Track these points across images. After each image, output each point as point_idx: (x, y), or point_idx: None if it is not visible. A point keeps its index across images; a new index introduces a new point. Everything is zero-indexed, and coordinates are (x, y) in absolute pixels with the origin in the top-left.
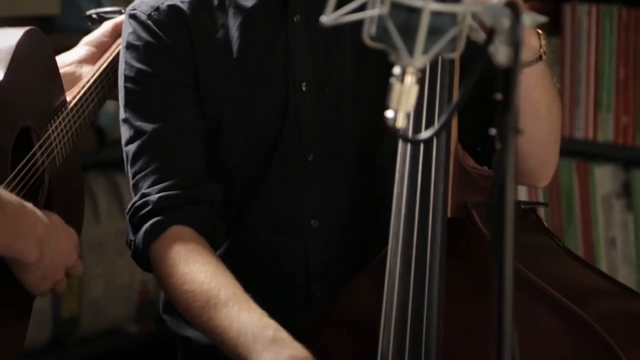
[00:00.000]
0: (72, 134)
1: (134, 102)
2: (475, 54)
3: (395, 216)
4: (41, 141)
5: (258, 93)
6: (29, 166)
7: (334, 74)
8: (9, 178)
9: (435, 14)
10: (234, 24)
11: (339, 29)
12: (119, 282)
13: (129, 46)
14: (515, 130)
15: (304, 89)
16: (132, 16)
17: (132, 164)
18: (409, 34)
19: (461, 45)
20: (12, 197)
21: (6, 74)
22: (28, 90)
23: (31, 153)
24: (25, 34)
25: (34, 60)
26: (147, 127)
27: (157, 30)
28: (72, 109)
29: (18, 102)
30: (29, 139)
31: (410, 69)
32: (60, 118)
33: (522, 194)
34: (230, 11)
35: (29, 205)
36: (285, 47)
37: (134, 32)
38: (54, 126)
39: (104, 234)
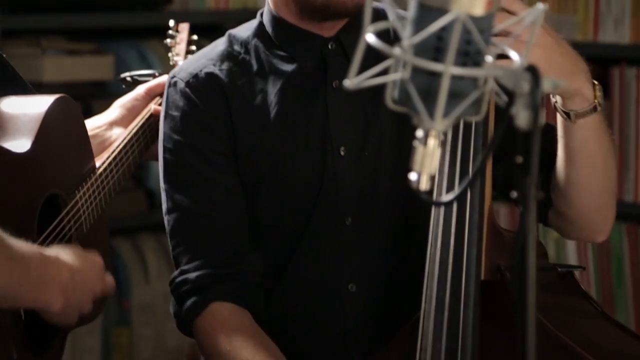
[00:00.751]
0: (101, 200)
1: (171, 173)
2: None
3: (429, 278)
4: (68, 208)
5: (296, 157)
6: (55, 232)
7: (372, 138)
8: (36, 244)
9: (456, 78)
10: (272, 89)
11: (376, 94)
12: (168, 343)
13: (167, 116)
14: (535, 193)
15: (342, 153)
16: (172, 84)
17: (171, 237)
18: (430, 97)
19: (484, 108)
20: (33, 250)
21: (34, 142)
22: (56, 158)
23: (58, 220)
24: (55, 101)
25: (63, 127)
26: (184, 200)
27: (195, 98)
28: (100, 174)
29: (46, 170)
30: (57, 206)
31: (433, 132)
32: (89, 184)
33: (572, 254)
34: (270, 77)
35: (51, 252)
36: (324, 111)
37: (172, 100)
38: (82, 192)
39: (153, 295)
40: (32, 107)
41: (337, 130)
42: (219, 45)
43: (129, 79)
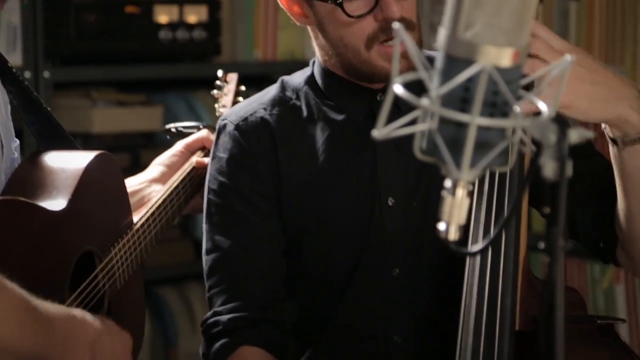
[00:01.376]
0: (136, 256)
1: (214, 214)
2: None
3: (464, 327)
4: (103, 264)
5: (342, 207)
6: (89, 289)
7: (421, 188)
8: (69, 300)
9: (483, 128)
10: (321, 136)
11: None
12: None
13: (214, 157)
14: (563, 243)
15: (390, 203)
16: (221, 127)
17: (208, 277)
18: (457, 147)
19: (512, 158)
20: (59, 310)
21: (71, 200)
22: (93, 215)
23: (92, 276)
24: (95, 158)
25: (102, 184)
26: (224, 242)
27: (243, 142)
28: (137, 230)
29: (82, 227)
30: (92, 262)
31: (461, 183)
32: (125, 240)
33: (622, 306)
34: (319, 124)
35: (78, 312)
36: (373, 161)
37: (221, 142)
38: (117, 249)
39: (200, 344)
40: (72, 162)
41: (386, 181)
42: (272, 90)
43: (173, 129)
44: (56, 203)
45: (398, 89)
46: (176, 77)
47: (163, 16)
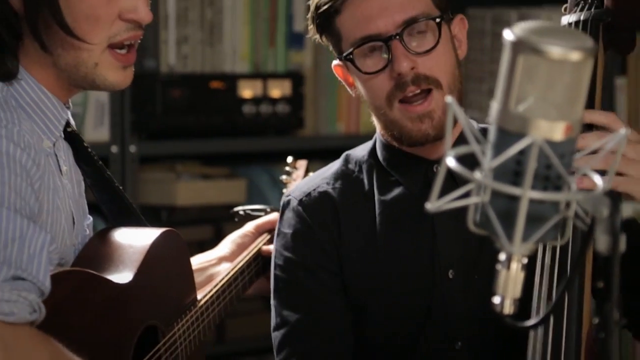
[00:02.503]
0: (199, 332)
1: (281, 289)
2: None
3: None
4: (165, 339)
5: (402, 280)
6: None
7: (481, 260)
8: None
9: (536, 202)
10: (380, 210)
11: None
12: None
13: (279, 233)
14: (617, 318)
15: (450, 276)
16: (286, 202)
17: (278, 353)
18: (509, 221)
19: (567, 232)
20: None
21: (137, 274)
22: (157, 290)
23: (154, 350)
24: (161, 234)
25: (167, 260)
26: (292, 317)
27: (306, 217)
28: (201, 307)
29: (146, 301)
30: (155, 336)
31: (515, 256)
32: (188, 316)
33: None
34: (379, 197)
35: None
36: (432, 233)
37: (285, 218)
38: (180, 324)
39: None
40: (139, 238)
41: (446, 253)
42: (335, 165)
43: (241, 212)
44: (122, 276)
45: (450, 162)
46: (260, 150)
47: (247, 91)
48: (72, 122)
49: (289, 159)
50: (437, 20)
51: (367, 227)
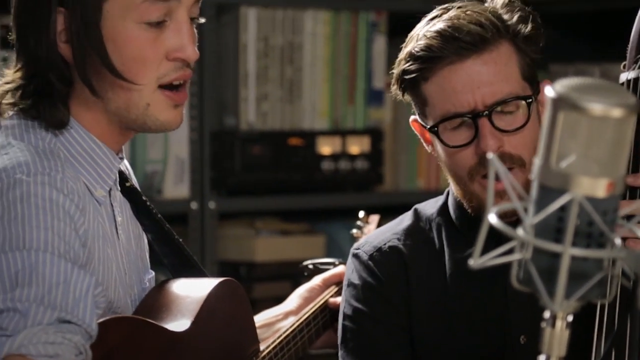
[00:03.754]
0: None
1: (349, 340)
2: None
3: None
4: None
5: (472, 343)
6: None
7: None
8: None
9: (579, 259)
10: (451, 270)
11: None
12: None
13: (349, 284)
14: None
15: (522, 341)
16: (355, 255)
17: None
18: (552, 278)
19: (613, 290)
20: None
21: (193, 322)
22: (216, 339)
23: None
24: (219, 284)
25: (226, 309)
26: None
27: (377, 271)
28: (263, 357)
29: (203, 350)
30: None
31: (560, 314)
32: None
33: None
34: (450, 257)
35: None
36: (503, 297)
37: (355, 271)
38: None
39: None
40: (197, 289)
41: (518, 317)
42: (405, 220)
43: (310, 266)
44: (178, 325)
45: (492, 219)
46: (339, 206)
47: (326, 147)
48: (132, 176)
49: (361, 214)
50: (528, 100)
51: (437, 286)
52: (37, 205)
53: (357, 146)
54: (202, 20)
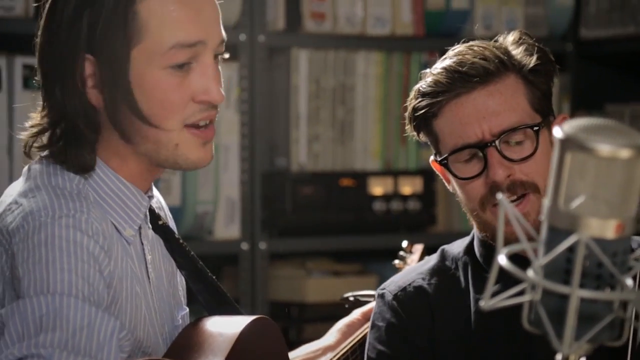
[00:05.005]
0: None
1: None
2: None
3: None
4: None
5: None
6: None
7: None
8: None
9: (588, 301)
10: (476, 308)
11: None
12: None
13: (373, 326)
14: None
15: None
16: (380, 296)
17: None
18: (561, 320)
19: (624, 332)
20: None
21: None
22: None
23: None
24: (252, 322)
25: (259, 347)
26: None
27: (401, 312)
28: None
29: None
30: None
31: (572, 357)
32: None
33: None
34: (475, 296)
35: None
36: (528, 337)
37: (379, 311)
38: None
39: None
40: (230, 326)
41: (543, 356)
42: (432, 260)
43: (351, 298)
44: None
45: (502, 260)
46: (391, 247)
47: (378, 188)
48: (167, 213)
49: (404, 243)
50: (535, 128)
51: (461, 325)
52: (61, 248)
53: (409, 187)
54: (227, 56)
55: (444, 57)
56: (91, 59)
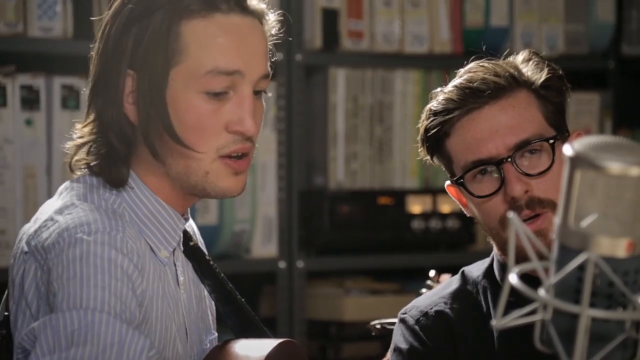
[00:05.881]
0: None
1: None
2: None
3: None
4: None
5: None
6: None
7: None
8: None
9: (599, 320)
10: (498, 332)
11: None
12: None
13: (395, 349)
14: None
15: None
16: (402, 320)
17: None
18: (572, 339)
19: (637, 353)
20: None
21: None
22: None
23: None
24: (278, 345)
25: None
26: None
27: (423, 336)
28: None
29: None
30: None
31: None
32: None
33: None
34: (495, 315)
35: None
36: (551, 357)
37: (401, 335)
38: None
39: None
40: (256, 350)
41: None
42: (453, 283)
43: (378, 326)
44: None
45: (513, 279)
46: (430, 266)
47: (416, 206)
48: (197, 235)
49: (432, 273)
50: (551, 141)
51: (484, 350)
52: (95, 265)
53: (448, 205)
54: (269, 94)
55: (455, 78)
56: (133, 75)
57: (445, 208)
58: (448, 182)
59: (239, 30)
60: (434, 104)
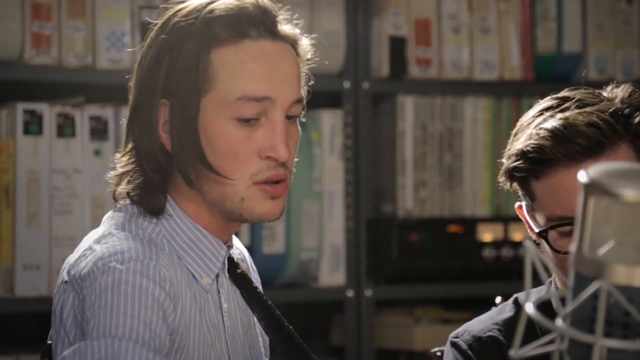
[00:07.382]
0: None
1: None
2: None
3: None
4: None
5: None
6: None
7: None
8: None
9: (616, 350)
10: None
11: None
12: None
13: None
14: None
15: None
16: (454, 344)
17: None
18: None
19: None
20: None
21: None
22: None
23: None
24: None
25: None
26: None
27: None
28: None
29: None
30: None
31: None
32: None
33: None
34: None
35: None
36: None
37: (453, 357)
38: None
39: None
40: None
41: None
42: (507, 310)
43: (438, 353)
44: None
45: (529, 309)
46: (502, 294)
47: (487, 234)
48: (249, 263)
49: (498, 299)
50: None
51: None
52: (126, 293)
53: (520, 233)
54: (303, 120)
55: (545, 107)
56: (166, 104)
57: (517, 236)
58: (518, 204)
59: (268, 56)
60: (527, 147)
